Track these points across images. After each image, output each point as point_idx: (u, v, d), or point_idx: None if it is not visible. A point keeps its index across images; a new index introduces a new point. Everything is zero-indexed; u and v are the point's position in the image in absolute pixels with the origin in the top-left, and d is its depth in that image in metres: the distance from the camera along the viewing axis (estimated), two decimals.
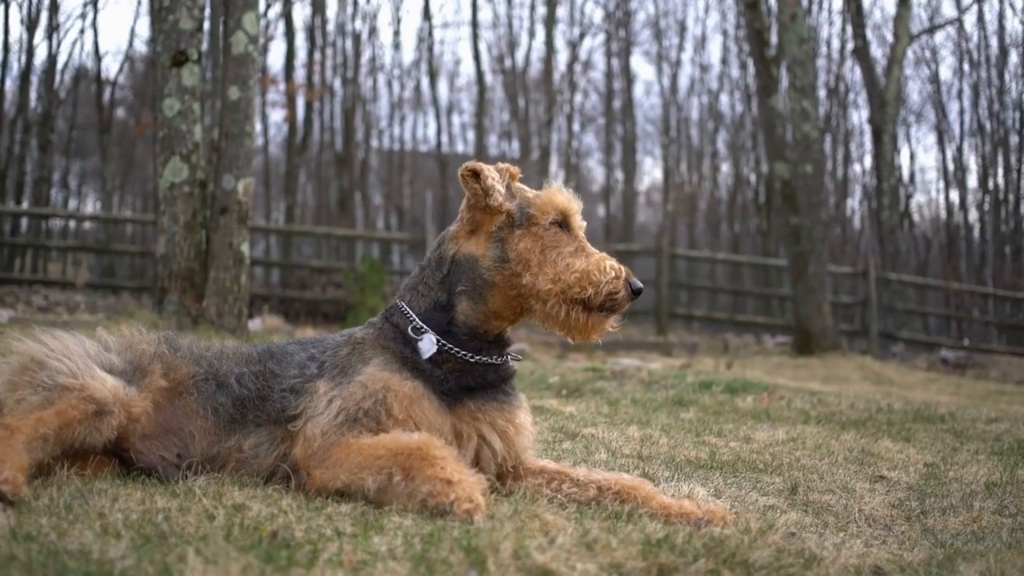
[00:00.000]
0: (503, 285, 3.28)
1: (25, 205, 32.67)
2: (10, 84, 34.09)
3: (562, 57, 36.20)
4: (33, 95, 34.93)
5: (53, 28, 34.05)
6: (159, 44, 9.35)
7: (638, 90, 43.34)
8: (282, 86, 32.14)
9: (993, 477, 4.49)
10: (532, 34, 35.96)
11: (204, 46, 9.53)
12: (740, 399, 7.58)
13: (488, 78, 36.73)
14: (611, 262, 3.27)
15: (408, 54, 39.69)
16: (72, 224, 38.54)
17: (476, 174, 3.31)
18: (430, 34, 35.63)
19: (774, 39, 19.87)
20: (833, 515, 3.55)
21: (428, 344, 3.26)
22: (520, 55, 36.35)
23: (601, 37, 38.12)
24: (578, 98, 38.52)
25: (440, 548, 2.30)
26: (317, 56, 34.50)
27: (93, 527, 2.36)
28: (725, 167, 40.16)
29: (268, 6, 32.65)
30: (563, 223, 3.33)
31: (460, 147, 38.96)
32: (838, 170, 36.39)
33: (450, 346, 3.26)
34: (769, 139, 18.57)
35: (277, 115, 36.64)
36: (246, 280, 9.39)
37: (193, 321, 9.03)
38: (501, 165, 3.43)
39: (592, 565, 2.28)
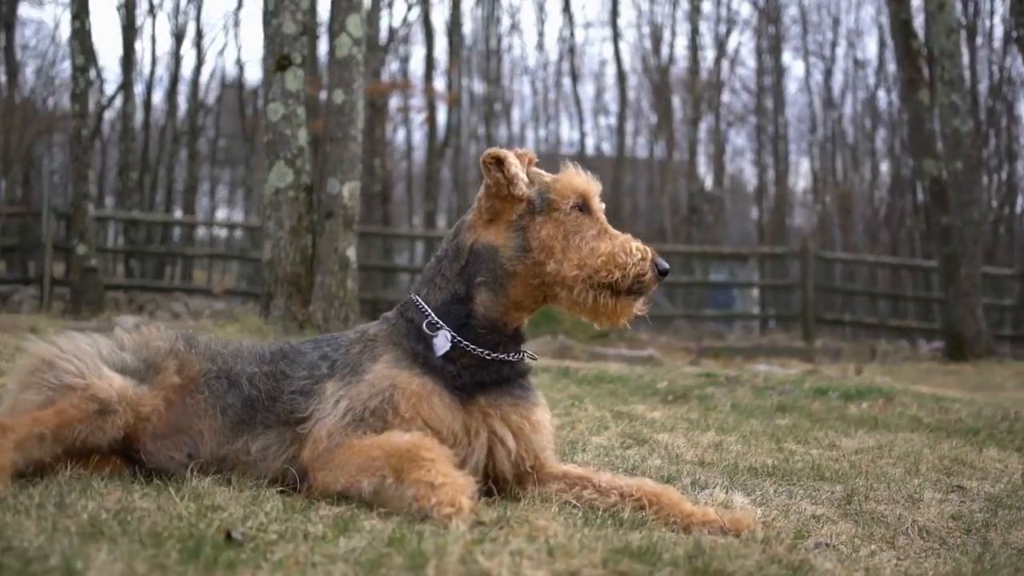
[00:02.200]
0: (525, 274, 3.15)
1: (179, 214, 33.79)
2: (160, 95, 35.40)
3: (708, 54, 35.62)
4: (182, 105, 36.21)
5: (199, 37, 35.22)
6: (264, 49, 9.40)
7: (791, 87, 42.03)
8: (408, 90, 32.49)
9: None
10: (676, 32, 35.56)
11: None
12: (854, 405, 7.20)
13: (632, 79, 36.52)
14: (636, 243, 3.14)
15: (553, 55, 39.26)
16: (224, 232, 39.65)
17: (500, 162, 3.17)
18: (571, 34, 35.55)
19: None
20: (884, 526, 3.29)
21: (443, 341, 3.14)
22: (664, 53, 35.92)
23: (749, 33, 37.39)
24: (726, 96, 37.85)
25: (401, 552, 2.17)
26: (449, 59, 34.75)
27: (46, 526, 2.30)
28: (884, 166, 38.85)
29: (409, 8, 33.12)
30: (583, 206, 3.19)
31: (607, 148, 38.70)
32: (1003, 167, 34.69)
33: (466, 343, 3.13)
34: (916, 135, 17.77)
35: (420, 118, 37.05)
36: (352, 284, 9.37)
37: (299, 326, 9.06)
38: (519, 150, 3.29)
39: (543, 572, 2.12)
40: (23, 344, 3.23)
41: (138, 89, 36.11)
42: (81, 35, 17.99)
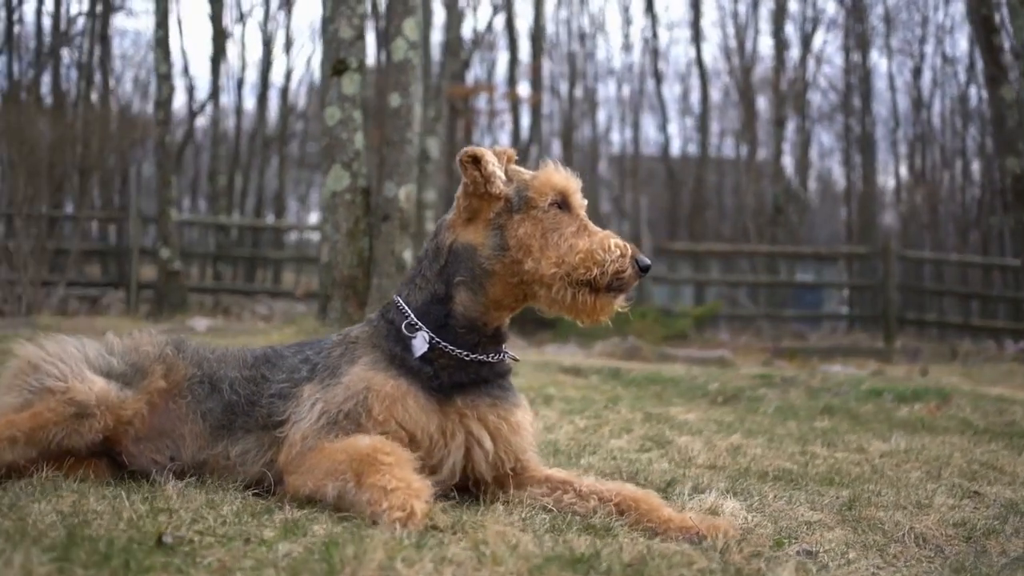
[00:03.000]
0: (504, 273, 3.12)
1: (271, 219, 34.28)
2: (251, 101, 35.93)
3: (793, 53, 35.07)
4: (273, 112, 36.72)
5: (288, 45, 35.72)
6: (322, 54, 9.52)
7: (879, 85, 41.12)
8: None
9: None
10: (760, 31, 35.14)
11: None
12: (906, 407, 7.09)
13: (717, 79, 36.19)
14: (615, 240, 3.08)
15: (637, 56, 39.03)
16: (318, 235, 40.17)
17: (476, 160, 3.14)
18: (655, 35, 35.33)
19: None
20: (880, 533, 3.18)
21: (420, 342, 3.12)
22: (748, 53, 35.44)
23: (835, 31, 36.75)
24: (812, 95, 37.22)
25: (327, 559, 2.15)
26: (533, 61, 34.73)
27: None
28: (975, 165, 37.87)
29: (494, 11, 33.23)
30: (563, 203, 3.14)
31: (693, 149, 38.35)
32: None
33: (444, 344, 3.11)
34: (999, 132, 17.31)
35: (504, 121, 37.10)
36: None
37: None
38: (498, 148, 3.27)
39: None
40: (13, 347, 3.27)
41: (230, 95, 36.85)
42: (164, 44, 18.39)
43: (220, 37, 29.35)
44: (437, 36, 27.35)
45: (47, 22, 31.59)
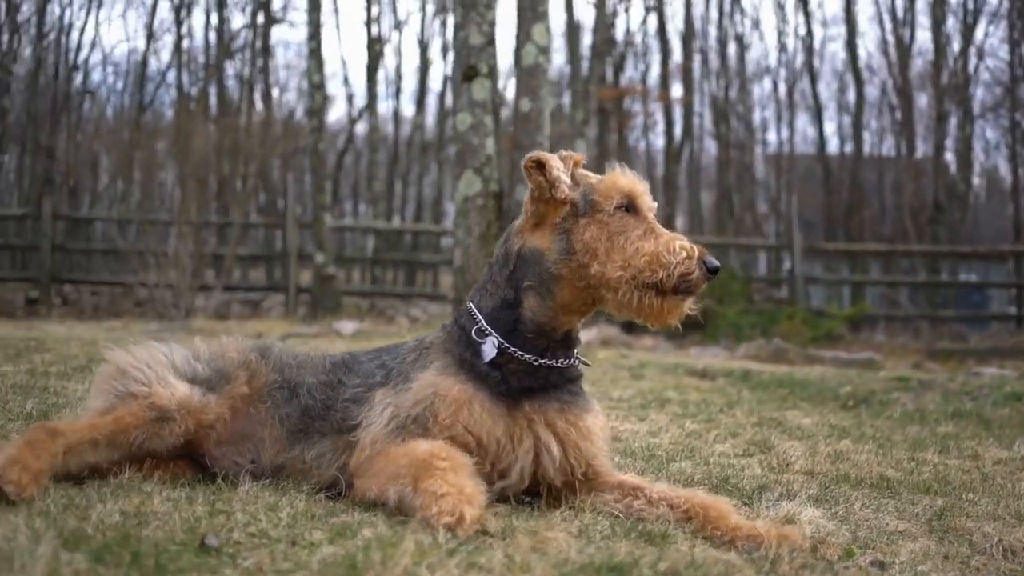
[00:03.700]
0: (571, 277, 3.10)
1: (429, 224, 34.79)
2: (411, 107, 36.53)
3: (953, 47, 33.79)
4: (431, 117, 37.28)
5: (445, 52, 36.21)
6: (453, 61, 9.65)
7: None
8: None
9: None
10: (917, 25, 34.03)
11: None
12: None
13: (873, 75, 35.20)
14: (682, 242, 3.03)
15: (790, 54, 38.16)
16: None
17: (541, 165, 3.14)
18: (809, 32, 34.57)
19: None
20: (967, 544, 3.07)
21: (490, 347, 3.13)
22: (905, 46, 34.29)
23: (999, 23, 35.25)
24: (974, 90, 35.77)
25: (356, 564, 2.18)
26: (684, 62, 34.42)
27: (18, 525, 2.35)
28: None
29: (646, 12, 33.05)
30: (629, 206, 3.11)
31: (850, 147, 37.36)
32: None
33: (513, 348, 3.11)
34: None
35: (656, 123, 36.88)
36: None
37: None
38: (564, 153, 3.25)
39: None
40: (104, 352, 3.41)
41: (388, 101, 37.59)
42: (317, 55, 18.91)
43: (375, 44, 29.92)
44: (587, 38, 27.30)
45: (212, 36, 32.75)
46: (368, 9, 30.22)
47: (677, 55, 34.77)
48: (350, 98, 37.88)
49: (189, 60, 35.82)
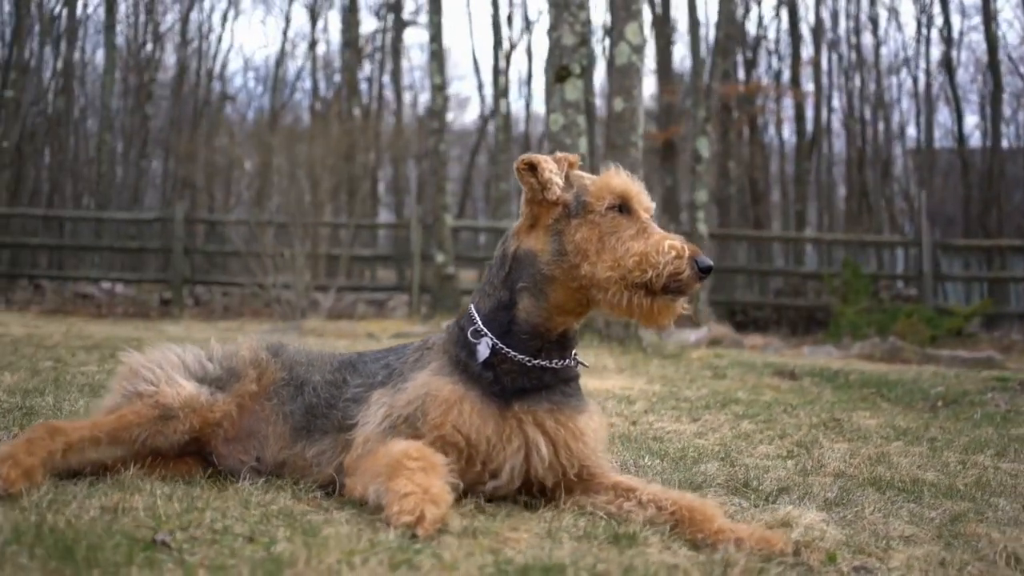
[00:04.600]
0: (564, 278, 3.13)
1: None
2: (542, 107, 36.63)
3: None
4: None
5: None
6: (546, 61, 9.69)
7: None
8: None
9: None
10: None
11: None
12: None
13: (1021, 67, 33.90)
14: (672, 241, 3.02)
15: (929, 46, 36.96)
16: None
17: (533, 167, 3.17)
18: (946, 21, 33.53)
19: None
20: (972, 551, 2.98)
21: (484, 348, 3.16)
22: None
23: None
24: None
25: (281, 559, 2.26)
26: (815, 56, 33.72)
27: None
28: None
29: (778, 5, 32.52)
30: (623, 207, 3.12)
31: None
32: None
33: (507, 349, 3.15)
34: None
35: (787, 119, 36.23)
36: None
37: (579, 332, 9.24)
38: (559, 155, 3.27)
39: None
40: (120, 354, 3.56)
41: (519, 101, 37.78)
42: (438, 57, 19.17)
43: (499, 46, 30.12)
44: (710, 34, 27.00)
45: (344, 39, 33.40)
46: (495, 10, 30.40)
47: (809, 49, 34.13)
48: (484, 98, 38.05)
49: (325, 64, 36.78)
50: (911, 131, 39.13)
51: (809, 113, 32.68)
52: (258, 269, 15.85)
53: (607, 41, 29.98)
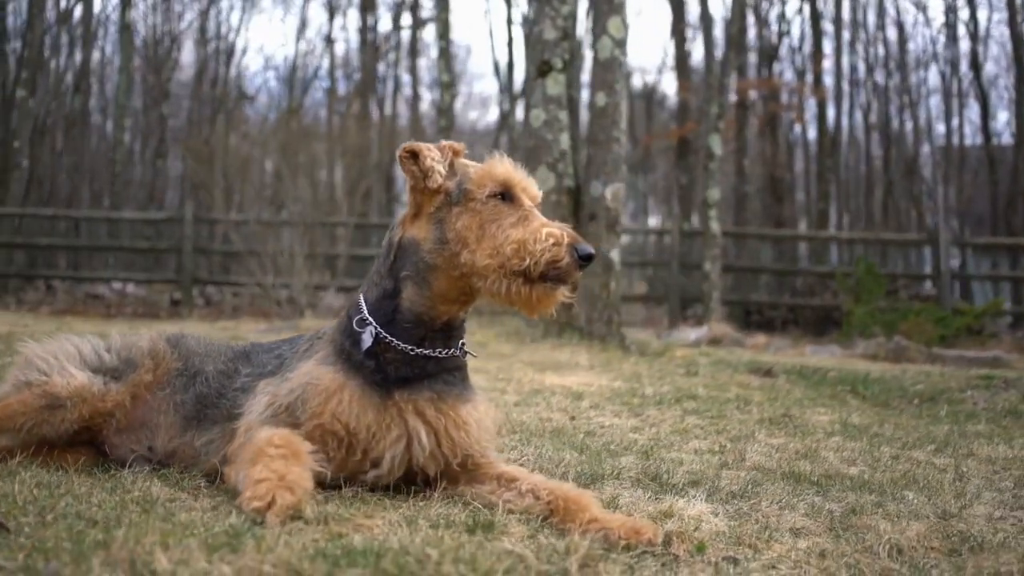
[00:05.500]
0: (445, 266, 3.10)
1: None
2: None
3: None
4: (583, 115, 37.26)
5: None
6: (525, 56, 9.63)
7: None
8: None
9: None
10: None
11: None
12: None
13: None
14: (551, 229, 2.99)
15: (963, 43, 36.59)
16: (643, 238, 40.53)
17: (415, 155, 3.14)
18: (972, 15, 33.17)
19: None
20: (859, 543, 2.92)
21: (367, 337, 3.15)
22: None
23: None
24: None
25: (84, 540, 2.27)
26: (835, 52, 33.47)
27: None
28: None
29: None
30: (505, 195, 3.09)
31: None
32: None
33: (389, 338, 3.12)
34: None
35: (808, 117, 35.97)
36: (615, 286, 9.40)
37: (560, 328, 9.19)
38: (444, 143, 3.24)
39: (227, 568, 2.11)
40: (17, 345, 3.56)
41: None
42: (446, 54, 19.17)
43: (512, 44, 30.18)
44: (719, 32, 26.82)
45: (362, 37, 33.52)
46: (508, 9, 30.43)
47: (831, 44, 33.88)
48: (502, 97, 38.12)
49: (344, 63, 36.88)
50: (940, 128, 38.68)
51: (831, 111, 32.44)
52: (258, 269, 15.88)
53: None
